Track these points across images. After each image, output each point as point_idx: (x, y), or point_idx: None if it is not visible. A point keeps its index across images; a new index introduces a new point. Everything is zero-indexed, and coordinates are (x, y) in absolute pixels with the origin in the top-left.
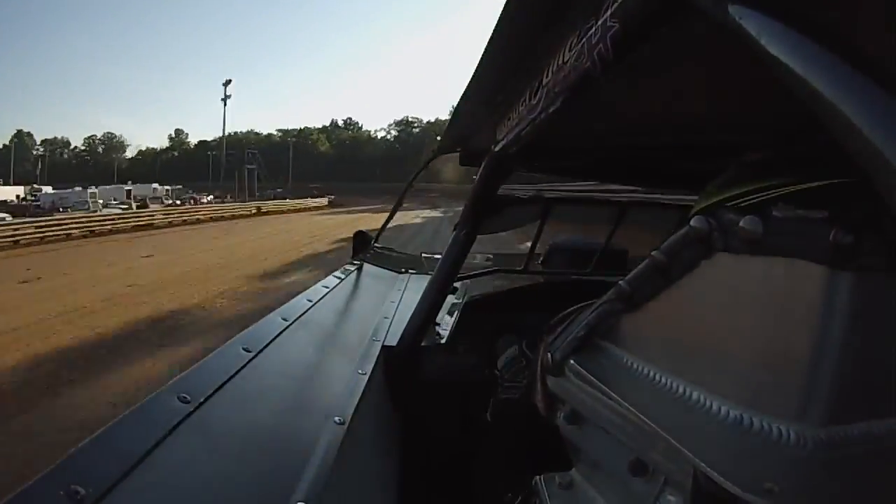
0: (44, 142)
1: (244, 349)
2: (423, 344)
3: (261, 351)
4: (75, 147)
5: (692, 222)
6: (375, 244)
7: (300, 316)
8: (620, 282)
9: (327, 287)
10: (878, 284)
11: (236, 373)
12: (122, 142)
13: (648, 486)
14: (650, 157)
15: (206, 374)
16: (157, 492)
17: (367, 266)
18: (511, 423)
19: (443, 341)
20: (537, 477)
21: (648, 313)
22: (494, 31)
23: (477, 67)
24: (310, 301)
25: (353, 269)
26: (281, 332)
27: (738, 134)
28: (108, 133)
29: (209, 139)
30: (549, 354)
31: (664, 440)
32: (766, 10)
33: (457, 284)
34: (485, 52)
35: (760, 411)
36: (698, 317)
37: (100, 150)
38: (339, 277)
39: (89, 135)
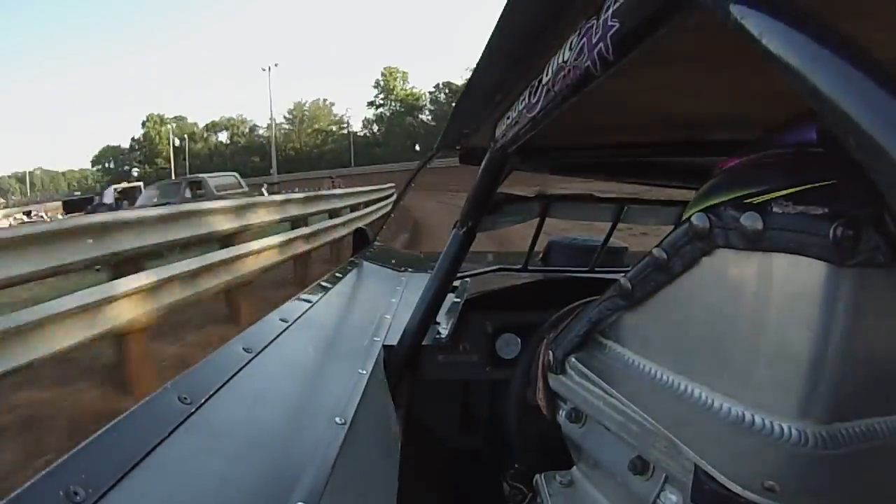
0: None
1: (244, 349)
2: (423, 343)
3: (261, 351)
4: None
5: (692, 219)
6: (375, 242)
7: (300, 316)
8: (621, 278)
9: (327, 286)
10: (880, 280)
11: (236, 373)
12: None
13: (649, 484)
14: (651, 155)
15: (206, 375)
16: (157, 492)
17: (366, 264)
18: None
19: (443, 340)
20: (538, 475)
21: (649, 310)
22: (495, 29)
23: (477, 65)
24: (309, 301)
25: (352, 267)
26: (281, 333)
27: (741, 132)
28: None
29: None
30: (550, 352)
31: (665, 438)
32: (768, 8)
33: (456, 283)
34: (485, 51)
35: (761, 409)
36: (699, 313)
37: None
38: (338, 276)
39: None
